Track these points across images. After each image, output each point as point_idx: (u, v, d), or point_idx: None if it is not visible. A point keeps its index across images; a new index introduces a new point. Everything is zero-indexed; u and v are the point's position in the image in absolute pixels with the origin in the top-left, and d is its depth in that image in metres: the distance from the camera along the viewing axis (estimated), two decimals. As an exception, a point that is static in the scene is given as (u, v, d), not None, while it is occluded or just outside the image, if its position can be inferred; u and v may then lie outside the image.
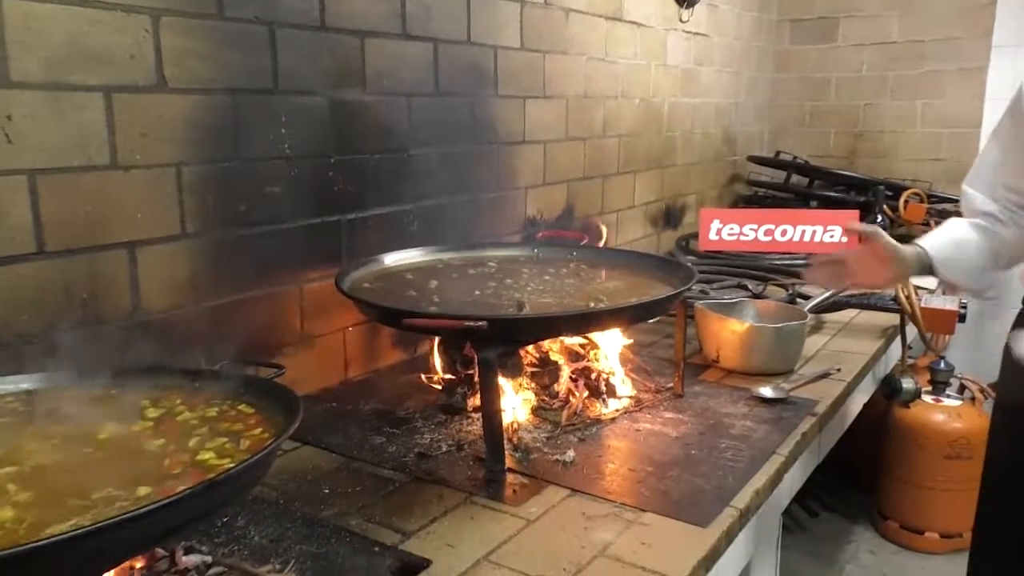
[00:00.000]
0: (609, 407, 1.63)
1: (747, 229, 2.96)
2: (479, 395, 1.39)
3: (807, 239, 2.90)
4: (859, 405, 2.15)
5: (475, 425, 1.55)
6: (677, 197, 3.41)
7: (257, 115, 1.57)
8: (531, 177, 2.42)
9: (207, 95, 1.48)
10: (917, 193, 3.19)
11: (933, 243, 1.57)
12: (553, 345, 1.64)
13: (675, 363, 1.74)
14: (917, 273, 1.58)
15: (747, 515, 1.28)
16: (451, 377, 1.67)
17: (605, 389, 1.65)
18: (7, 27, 1.18)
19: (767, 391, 1.72)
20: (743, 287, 2.55)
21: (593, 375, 1.66)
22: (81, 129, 1.28)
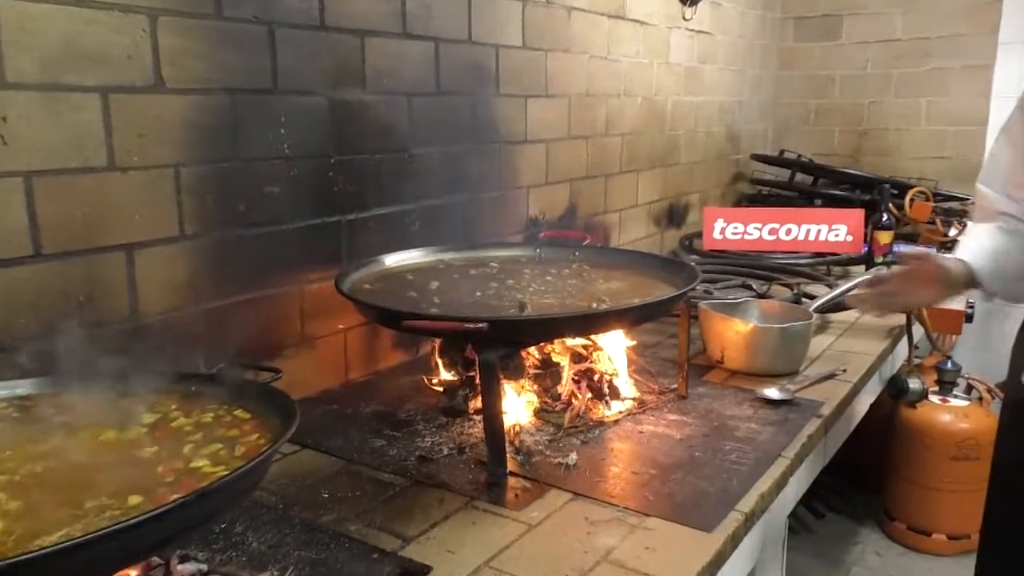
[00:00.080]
0: (612, 409, 1.62)
1: (751, 228, 2.97)
2: (480, 397, 1.37)
3: (812, 238, 2.91)
4: (865, 406, 2.13)
5: (477, 427, 1.53)
6: (680, 196, 3.39)
7: (256, 115, 1.56)
8: (533, 176, 2.40)
9: (205, 95, 1.46)
10: (923, 191, 3.17)
11: (974, 256, 1.46)
12: (555, 346, 1.63)
13: (679, 364, 1.72)
14: (964, 289, 1.49)
15: (752, 519, 1.27)
16: (452, 379, 1.65)
17: (608, 391, 1.63)
18: (2, 27, 1.16)
19: (772, 392, 1.70)
20: (747, 287, 2.53)
21: (596, 377, 1.64)
22: (78, 130, 1.27)
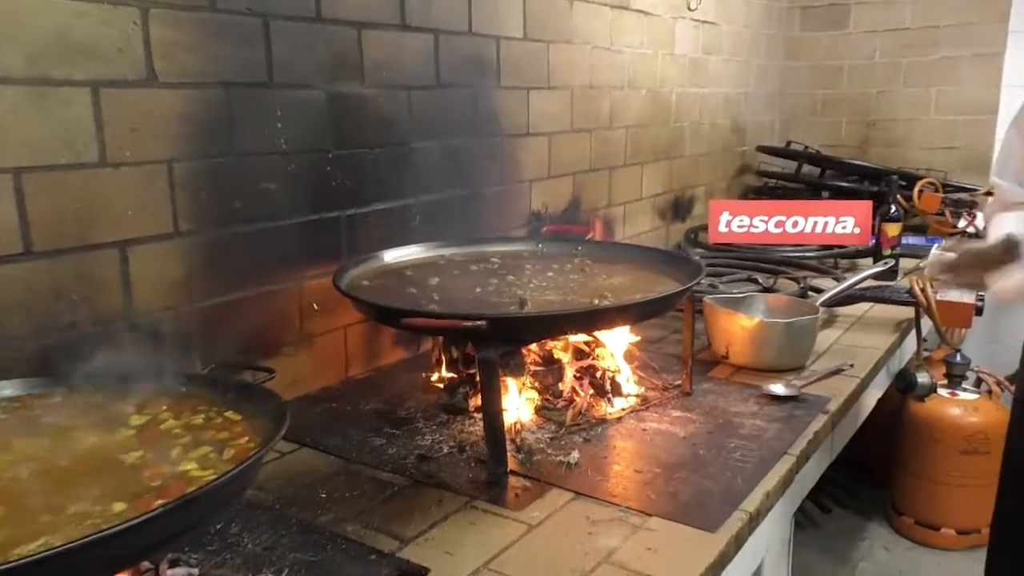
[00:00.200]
0: (615, 406, 1.59)
1: (757, 221, 2.92)
2: (480, 395, 1.35)
3: (818, 230, 2.86)
4: (873, 401, 2.10)
5: (477, 425, 1.51)
6: (686, 189, 3.35)
7: (251, 109, 1.54)
8: (536, 170, 2.37)
9: (199, 89, 1.44)
10: (932, 182, 3.12)
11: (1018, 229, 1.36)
12: (557, 343, 1.60)
13: (683, 360, 1.69)
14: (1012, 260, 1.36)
15: (757, 518, 1.24)
16: (453, 376, 1.63)
17: (610, 388, 1.60)
18: (-11, 21, 1.14)
19: (778, 388, 1.67)
20: (753, 281, 2.50)
21: (598, 373, 1.62)
22: (68, 125, 1.25)
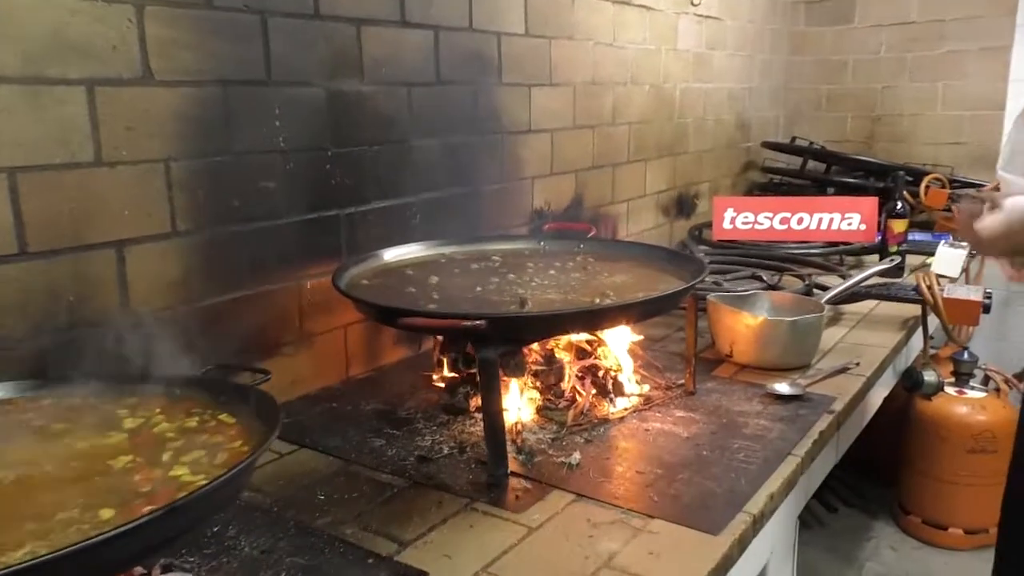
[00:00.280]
0: (617, 406, 1.57)
1: (762, 217, 2.90)
2: (480, 396, 1.33)
3: (824, 227, 2.84)
4: (879, 399, 2.08)
5: (478, 426, 1.49)
6: (690, 185, 3.33)
7: (249, 107, 1.52)
8: (538, 167, 2.35)
9: (196, 87, 1.42)
10: (938, 178, 3.09)
11: None
12: (558, 342, 1.58)
13: (686, 359, 1.67)
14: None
15: (761, 521, 1.22)
16: (454, 376, 1.61)
17: (613, 387, 1.59)
18: (-19, 19, 1.13)
19: (783, 387, 1.65)
20: (758, 278, 2.47)
21: (600, 373, 1.60)
22: (63, 124, 1.23)
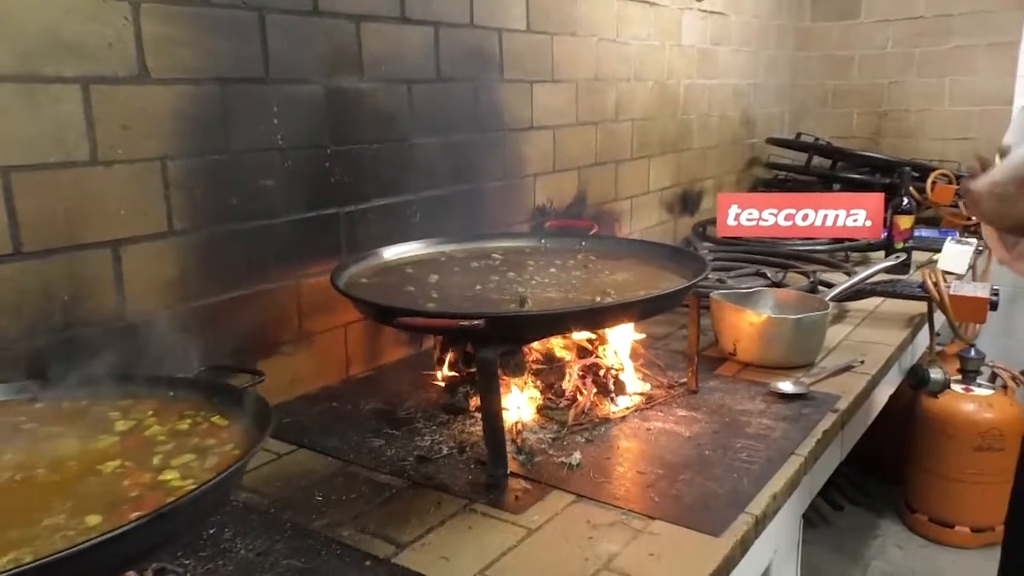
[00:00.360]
0: (618, 405, 1.56)
1: (766, 214, 2.88)
2: (479, 396, 1.32)
3: (829, 223, 2.82)
4: (884, 397, 2.06)
5: (478, 425, 1.47)
6: (694, 182, 3.31)
7: (247, 105, 1.51)
8: (540, 164, 2.34)
9: (193, 85, 1.41)
10: (945, 174, 3.06)
11: None
12: (559, 341, 1.57)
13: (688, 357, 1.66)
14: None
15: (763, 522, 1.21)
16: (454, 375, 1.60)
17: (614, 386, 1.57)
18: (-26, 17, 1.12)
19: (786, 386, 1.63)
20: (762, 275, 2.45)
21: (602, 372, 1.59)
22: (58, 123, 1.22)
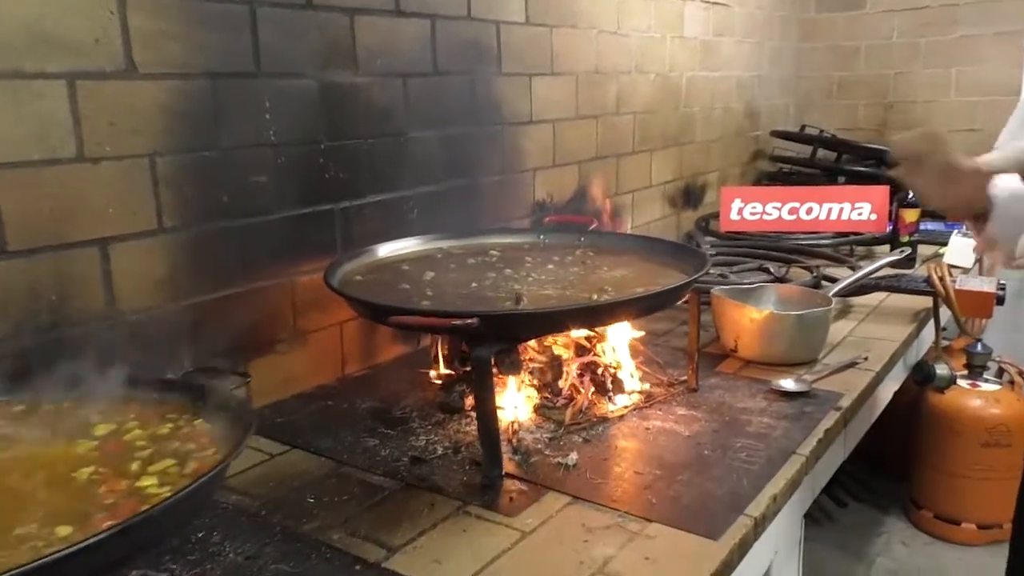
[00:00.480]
0: (617, 404, 1.53)
1: (770, 208, 2.83)
2: (473, 396, 1.30)
3: (834, 217, 2.76)
4: (889, 394, 2.02)
5: (474, 425, 1.45)
6: (697, 176, 3.28)
7: (238, 100, 1.49)
8: (540, 158, 2.31)
9: (182, 80, 1.39)
10: (952, 166, 3.02)
11: (1000, 190, 1.34)
12: (556, 339, 1.54)
13: (689, 355, 1.63)
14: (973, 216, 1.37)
15: (763, 524, 1.18)
16: (450, 373, 1.58)
17: (612, 385, 1.55)
18: (-46, 12, 1.10)
19: (788, 383, 1.61)
20: (765, 270, 2.42)
21: (600, 370, 1.56)
22: (42, 119, 1.20)
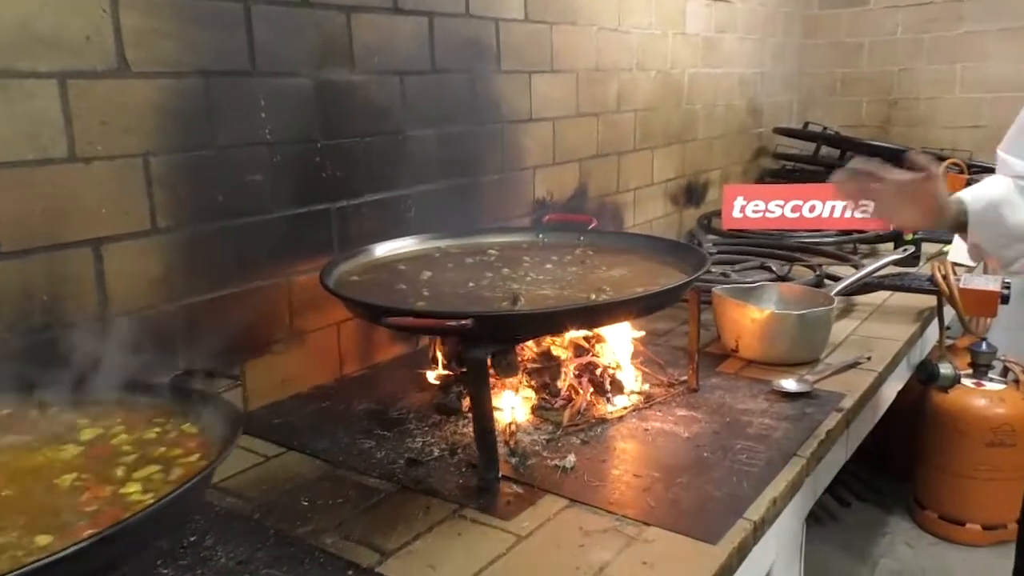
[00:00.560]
0: (616, 405, 1.52)
1: (773, 206, 2.81)
2: (469, 397, 1.28)
3: (837, 215, 2.74)
4: (892, 394, 2.01)
5: (471, 426, 1.44)
6: (699, 173, 3.25)
7: (233, 99, 1.47)
8: (540, 156, 2.29)
9: (176, 79, 1.38)
10: (956, 163, 2.99)
11: (973, 196, 1.35)
12: (555, 339, 1.53)
13: (689, 355, 1.61)
14: (950, 228, 1.37)
15: (763, 527, 1.16)
16: (448, 374, 1.56)
17: (611, 385, 1.53)
18: (-57, 11, 1.09)
19: (789, 384, 1.59)
20: (767, 268, 2.40)
21: (599, 370, 1.54)
22: (33, 119, 1.19)
